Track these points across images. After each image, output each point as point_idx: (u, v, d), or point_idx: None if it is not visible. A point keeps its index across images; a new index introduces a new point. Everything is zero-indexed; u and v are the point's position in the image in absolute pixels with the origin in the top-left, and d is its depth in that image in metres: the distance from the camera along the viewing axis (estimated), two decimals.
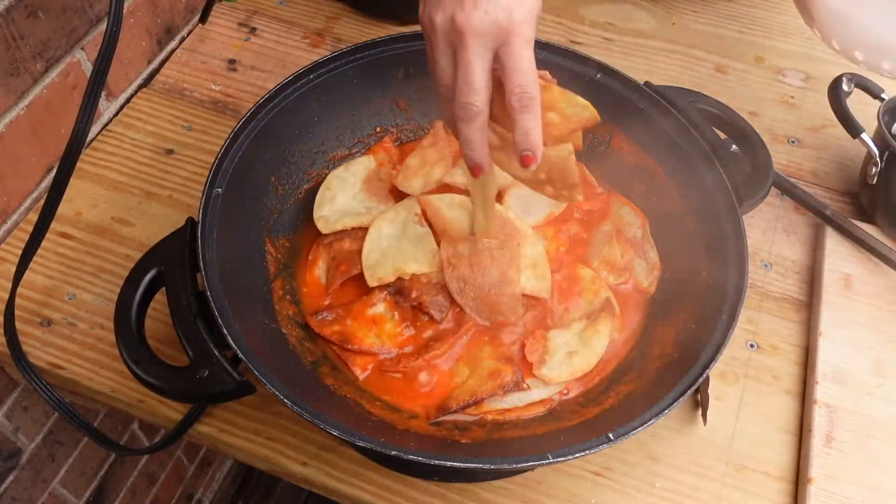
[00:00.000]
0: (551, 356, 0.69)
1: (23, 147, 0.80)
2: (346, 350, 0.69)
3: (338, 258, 0.73)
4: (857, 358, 0.75)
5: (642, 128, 0.78)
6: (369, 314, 0.70)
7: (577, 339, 0.70)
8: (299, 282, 0.74)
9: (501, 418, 0.66)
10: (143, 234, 0.82)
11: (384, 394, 0.68)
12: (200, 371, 0.58)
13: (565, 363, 0.68)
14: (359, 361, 0.69)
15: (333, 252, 0.74)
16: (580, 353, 0.69)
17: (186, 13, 1.02)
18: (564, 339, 0.70)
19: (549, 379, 0.68)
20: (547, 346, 0.70)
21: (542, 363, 0.68)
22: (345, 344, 0.69)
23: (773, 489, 0.69)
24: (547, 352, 0.69)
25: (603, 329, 0.70)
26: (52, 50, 0.80)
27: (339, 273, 0.72)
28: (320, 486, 0.69)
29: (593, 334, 0.70)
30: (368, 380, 0.68)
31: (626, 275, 0.75)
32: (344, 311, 0.71)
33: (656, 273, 0.75)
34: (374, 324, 0.70)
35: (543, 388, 0.68)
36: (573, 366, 0.68)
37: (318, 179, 0.79)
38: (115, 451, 0.95)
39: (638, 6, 1.11)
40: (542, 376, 0.68)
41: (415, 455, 0.55)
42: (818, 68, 1.05)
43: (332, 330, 0.69)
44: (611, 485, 0.69)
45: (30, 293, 0.77)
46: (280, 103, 0.74)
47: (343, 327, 0.69)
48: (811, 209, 0.86)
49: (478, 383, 0.67)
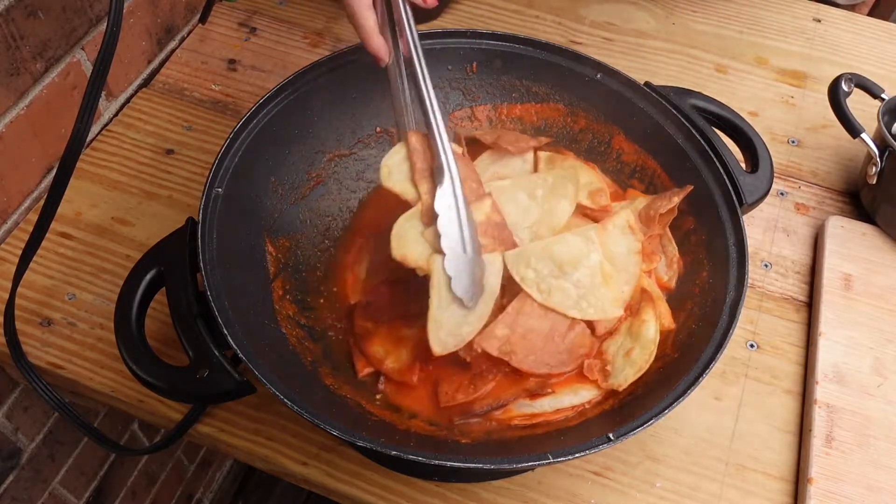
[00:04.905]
0: (612, 364, 0.67)
1: (23, 147, 0.80)
2: (356, 346, 0.69)
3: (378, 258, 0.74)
4: (857, 358, 0.75)
5: (642, 128, 0.78)
6: (402, 333, 0.70)
7: (627, 338, 0.68)
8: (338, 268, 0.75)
9: (529, 423, 0.65)
10: (143, 234, 0.82)
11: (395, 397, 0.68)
12: (200, 371, 0.58)
13: (627, 364, 0.67)
14: (362, 362, 0.69)
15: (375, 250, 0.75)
16: (635, 347, 0.67)
17: (186, 13, 1.02)
18: (617, 343, 0.68)
19: (618, 385, 0.66)
20: (605, 357, 0.68)
21: (606, 375, 0.67)
22: (360, 340, 0.69)
23: (773, 489, 0.69)
24: (607, 362, 0.68)
25: (647, 317, 0.68)
26: (52, 50, 0.80)
27: (382, 272, 0.73)
28: (320, 486, 0.69)
29: (640, 325, 0.68)
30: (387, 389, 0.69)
31: (655, 259, 0.73)
32: (386, 317, 0.70)
33: (676, 268, 0.74)
34: (397, 342, 0.69)
35: (574, 394, 0.67)
36: (634, 362, 0.66)
37: (318, 179, 0.79)
38: (115, 451, 0.95)
39: (638, 6, 1.11)
40: (612, 386, 0.66)
41: (415, 455, 0.55)
42: (818, 68, 1.05)
43: (363, 324, 0.70)
44: (611, 485, 0.69)
45: (30, 293, 0.77)
46: (280, 103, 0.74)
47: (374, 327, 0.70)
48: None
49: (501, 387, 0.66)
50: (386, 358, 0.69)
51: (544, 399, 0.66)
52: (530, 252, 0.67)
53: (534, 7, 1.10)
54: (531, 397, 0.66)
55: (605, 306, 0.67)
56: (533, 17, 1.09)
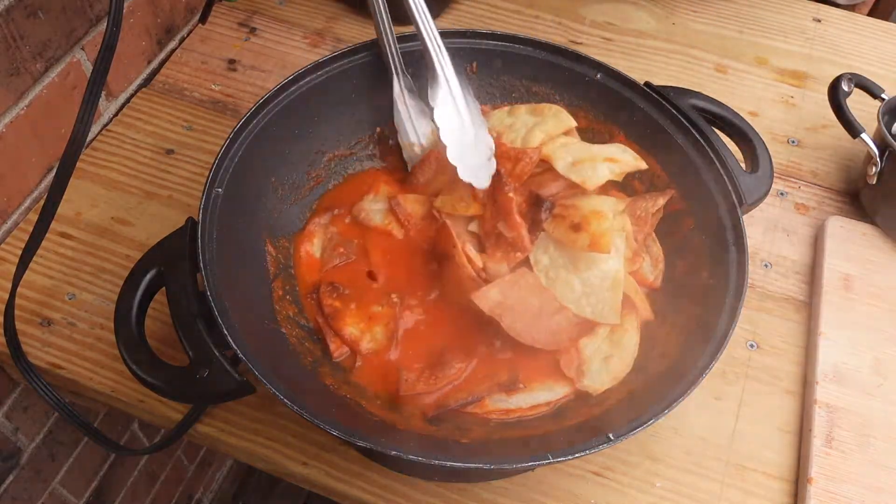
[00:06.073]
0: (588, 366, 0.67)
1: (23, 147, 0.80)
2: (329, 326, 0.70)
3: (335, 240, 0.74)
4: (857, 358, 0.75)
5: (642, 128, 0.78)
6: (372, 310, 0.70)
7: (607, 343, 0.69)
8: (295, 250, 0.75)
9: (505, 418, 0.66)
10: (143, 234, 0.82)
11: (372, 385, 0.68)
12: (200, 371, 0.58)
13: (604, 369, 0.67)
14: (336, 342, 0.69)
15: (330, 233, 0.75)
16: (615, 355, 0.68)
17: (186, 13, 1.02)
18: (595, 346, 0.69)
19: (593, 389, 0.66)
20: (581, 356, 0.68)
21: (581, 375, 0.67)
22: (330, 320, 0.69)
23: (773, 489, 0.69)
24: (583, 362, 0.68)
25: (629, 326, 0.69)
26: (52, 50, 0.80)
27: (336, 254, 0.73)
28: (320, 486, 0.69)
29: (622, 334, 0.68)
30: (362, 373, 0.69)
31: (639, 260, 0.73)
32: (355, 295, 0.71)
33: (661, 266, 0.75)
34: (369, 320, 0.70)
35: (548, 391, 0.67)
36: (612, 370, 0.67)
37: (318, 180, 0.79)
38: (115, 451, 0.95)
39: (638, 6, 1.11)
40: (585, 388, 0.66)
41: (415, 455, 0.55)
42: (818, 68, 1.05)
43: (332, 303, 0.70)
44: (611, 485, 0.69)
45: (30, 293, 0.77)
46: (280, 103, 0.74)
47: (343, 305, 0.70)
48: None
49: (474, 382, 0.66)
50: (362, 339, 0.69)
51: (519, 395, 0.66)
52: (551, 240, 0.68)
53: (534, 7, 1.10)
54: (507, 393, 0.66)
55: (605, 311, 0.67)
56: (533, 17, 1.09)
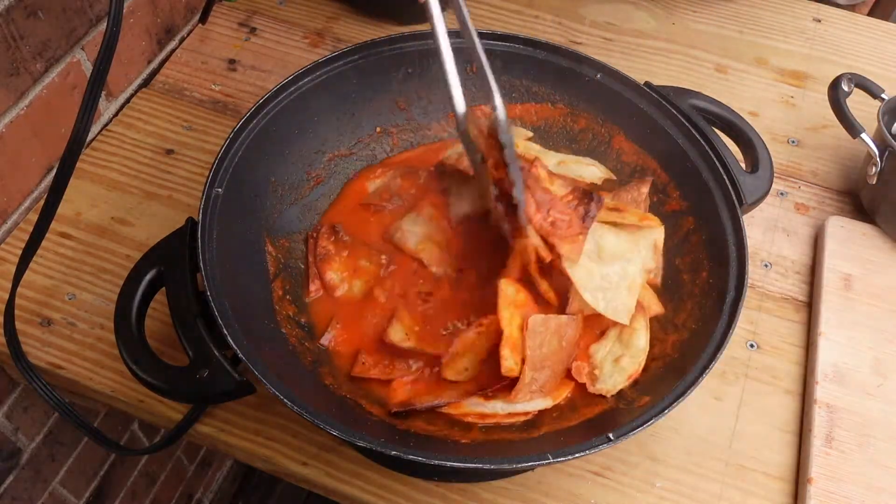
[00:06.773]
0: (600, 369, 0.67)
1: (23, 147, 0.80)
2: (315, 267, 0.72)
3: (393, 188, 0.78)
4: (857, 358, 0.75)
5: (642, 128, 0.78)
6: (359, 263, 0.72)
7: (617, 344, 0.69)
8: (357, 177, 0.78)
9: (482, 422, 0.65)
10: (143, 234, 0.82)
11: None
12: (200, 371, 0.58)
13: (616, 371, 0.67)
14: (315, 284, 0.71)
15: (396, 183, 0.78)
16: (625, 355, 0.68)
17: (186, 13, 1.02)
18: (606, 349, 0.69)
19: (607, 391, 0.66)
20: (592, 361, 0.68)
21: (594, 380, 0.67)
22: (319, 261, 0.71)
23: (773, 489, 0.69)
24: (595, 367, 0.68)
25: (638, 326, 0.69)
26: (52, 50, 0.80)
27: (384, 198, 0.77)
28: (320, 486, 0.69)
29: (631, 334, 0.68)
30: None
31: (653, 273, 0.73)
32: (351, 244, 0.73)
33: (661, 266, 0.74)
34: (353, 271, 0.72)
35: (528, 403, 0.66)
36: (624, 369, 0.67)
37: (317, 179, 0.79)
38: (115, 451, 0.95)
39: (638, 6, 1.11)
40: (599, 391, 0.66)
41: (415, 455, 0.55)
42: (818, 68, 1.05)
43: (326, 245, 0.72)
44: (611, 485, 0.69)
45: (30, 293, 0.77)
46: (280, 103, 0.74)
47: (335, 251, 0.72)
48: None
49: (439, 388, 0.67)
50: (339, 286, 0.70)
51: (496, 402, 0.65)
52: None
53: (534, 7, 1.10)
54: (485, 398, 0.65)
55: (617, 308, 0.68)
56: (533, 17, 1.09)
